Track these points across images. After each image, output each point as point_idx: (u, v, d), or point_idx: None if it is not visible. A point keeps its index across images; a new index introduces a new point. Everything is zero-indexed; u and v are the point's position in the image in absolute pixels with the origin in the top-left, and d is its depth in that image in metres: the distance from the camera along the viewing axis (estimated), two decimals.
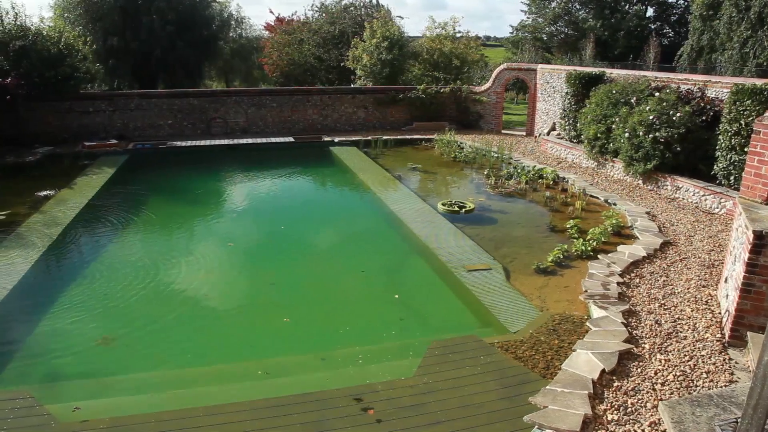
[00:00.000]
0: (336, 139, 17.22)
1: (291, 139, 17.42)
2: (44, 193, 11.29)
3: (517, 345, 5.33)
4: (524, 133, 18.87)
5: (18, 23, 16.14)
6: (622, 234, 8.60)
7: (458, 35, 23.62)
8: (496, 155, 14.53)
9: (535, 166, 12.90)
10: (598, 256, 7.58)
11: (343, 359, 5.42)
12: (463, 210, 9.99)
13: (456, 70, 22.33)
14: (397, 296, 7.07)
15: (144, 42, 24.07)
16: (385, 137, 17.02)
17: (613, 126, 12.03)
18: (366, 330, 6.34)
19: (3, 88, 14.24)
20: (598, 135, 12.54)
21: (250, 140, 17.14)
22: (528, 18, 43.11)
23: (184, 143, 16.56)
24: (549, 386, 4.57)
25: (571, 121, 14.57)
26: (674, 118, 10.56)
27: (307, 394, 4.66)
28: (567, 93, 14.84)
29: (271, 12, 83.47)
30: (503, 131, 19.41)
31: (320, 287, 7.55)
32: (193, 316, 6.65)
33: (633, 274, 6.99)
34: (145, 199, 11.71)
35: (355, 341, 5.96)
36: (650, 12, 39.95)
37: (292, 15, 31.68)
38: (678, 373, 4.79)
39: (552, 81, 17.00)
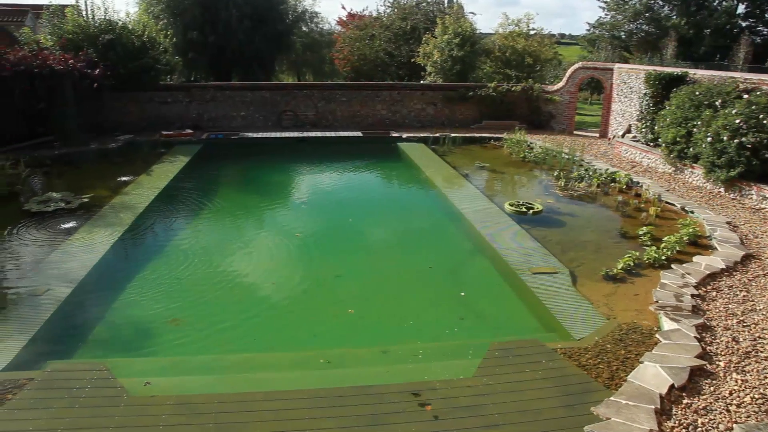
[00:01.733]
0: (404, 135, 17.25)
1: (359, 133, 17.59)
2: (124, 178, 11.92)
3: (580, 352, 5.18)
4: (597, 135, 18.28)
5: (107, 18, 17.10)
6: (699, 244, 8.19)
7: (532, 32, 23.16)
8: (567, 157, 14.14)
9: (607, 169, 12.47)
10: (672, 265, 7.25)
11: (404, 354, 5.43)
12: (531, 211, 9.79)
13: (528, 69, 21.91)
14: (463, 293, 7.04)
15: (221, 36, 24.92)
16: (453, 135, 16.90)
17: (695, 130, 11.46)
18: (427, 326, 6.34)
19: (91, 79, 15.10)
20: (678, 139, 11.97)
21: (319, 134, 17.43)
22: (606, 15, 41.59)
23: (255, 134, 17.03)
24: (613, 397, 4.42)
25: (648, 124, 14.00)
26: (764, 122, 9.94)
27: (365, 386, 4.70)
28: (645, 94, 14.26)
29: (344, 7, 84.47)
30: (575, 132, 18.88)
31: (384, 281, 7.63)
32: (258, 303, 6.85)
33: (709, 287, 6.65)
34: (216, 188, 12.14)
35: (416, 337, 5.98)
36: (741, 8, 37.62)
37: (364, 10, 31.96)
38: (756, 396, 4.52)
39: (629, 81, 16.36)
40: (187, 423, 4.15)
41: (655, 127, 13.38)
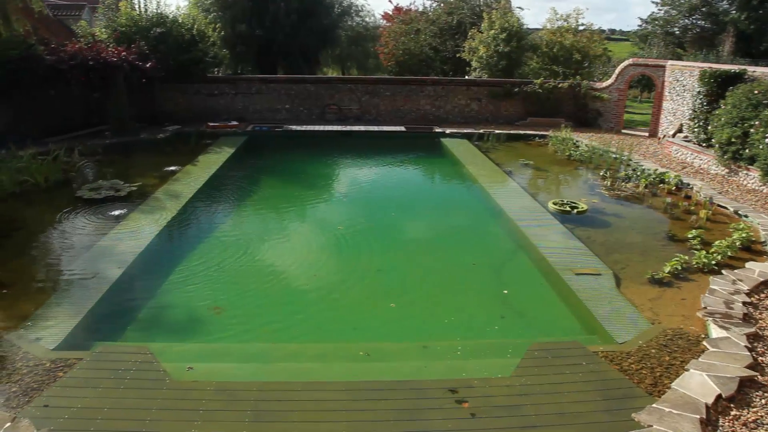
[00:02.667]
0: (447, 131, 17.14)
1: (402, 128, 17.57)
2: (171, 168, 12.23)
3: (623, 357, 5.05)
4: (647, 134, 17.76)
5: (158, 11, 17.56)
6: (753, 250, 7.87)
7: (581, 28, 22.63)
8: (614, 156, 13.79)
9: (656, 170, 12.11)
10: (723, 271, 6.99)
11: (443, 350, 5.42)
12: (575, 211, 9.60)
13: (576, 65, 21.42)
14: (506, 291, 6.99)
15: (268, 29, 25.25)
16: (497, 131, 16.71)
17: (752, 130, 10.99)
18: (467, 323, 6.30)
19: (143, 71, 15.53)
20: (733, 139, 11.52)
21: (362, 127, 17.49)
22: (660, 10, 40.24)
23: (299, 127, 17.21)
24: (656, 404, 4.30)
25: (701, 123, 13.51)
26: None
27: (404, 381, 4.71)
28: (699, 92, 13.77)
29: (390, 1, 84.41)
30: (624, 131, 18.38)
31: (425, 276, 7.62)
32: (299, 295, 6.93)
33: (762, 295, 6.38)
34: (260, 179, 12.33)
35: (456, 334, 5.96)
36: None
37: (410, 4, 31.89)
38: None
39: (682, 79, 15.83)
40: (226, 409, 4.23)
41: (709, 127, 12.91)
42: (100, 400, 4.29)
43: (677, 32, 38.93)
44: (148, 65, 15.61)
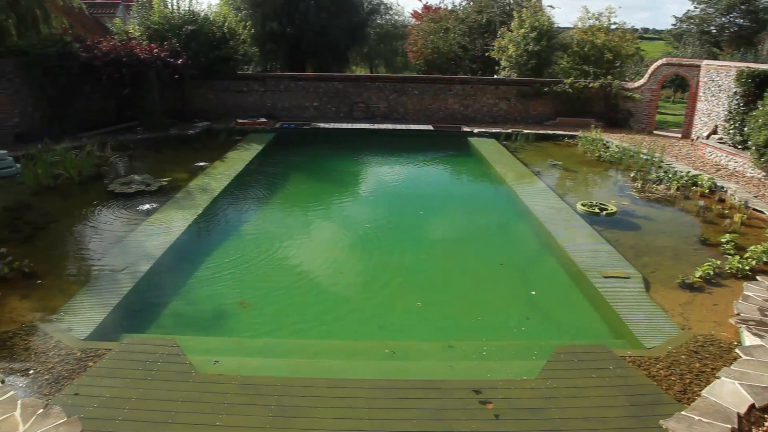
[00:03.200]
0: (475, 130, 17.03)
1: (430, 127, 17.51)
2: (200, 163, 12.39)
3: (651, 362, 4.96)
4: (679, 136, 17.38)
5: (190, 9, 17.81)
6: None
7: (613, 26, 22.24)
8: (645, 157, 13.53)
9: (689, 172, 11.84)
10: (757, 277, 6.81)
11: (468, 350, 5.38)
12: (604, 212, 9.46)
13: (607, 64, 21.05)
14: (534, 292, 6.93)
15: (298, 27, 25.40)
16: (526, 131, 16.55)
17: None
18: (493, 324, 6.26)
19: (174, 68, 15.76)
20: None
21: (389, 126, 17.49)
22: (696, 8, 39.37)
23: (326, 125, 17.29)
24: (685, 412, 4.20)
25: (737, 125, 13.18)
26: None
27: (428, 380, 4.69)
28: (735, 93, 13.43)
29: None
30: (655, 132, 18.03)
31: (451, 275, 7.60)
32: (325, 292, 6.96)
33: None
34: (287, 176, 12.41)
35: (481, 334, 5.93)
36: None
37: (440, 3, 31.74)
38: None
39: (718, 79, 15.45)
40: (251, 403, 4.27)
41: (745, 129, 12.57)
42: (127, 390, 4.37)
43: (713, 31, 38.04)
44: (179, 62, 15.84)
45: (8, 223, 8.31)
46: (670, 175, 11.68)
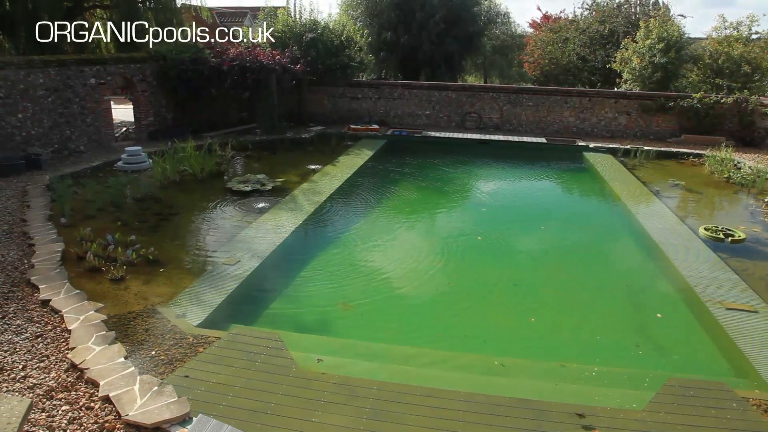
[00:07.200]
0: (591, 145, 16.34)
1: (543, 140, 17.02)
2: (313, 166, 12.86)
3: None
4: None
5: (312, 18, 18.63)
6: None
7: (753, 36, 20.46)
8: None
9: None
10: None
11: (572, 373, 5.14)
12: (730, 239, 8.70)
13: (744, 78, 19.41)
14: (659, 315, 6.56)
15: (414, 36, 25.73)
16: (646, 147, 15.62)
17: None
18: (602, 347, 5.97)
19: (292, 73, 16.51)
20: None
21: (501, 137, 17.19)
22: None
23: (438, 134, 17.31)
24: None
25: None
26: None
27: (527, 400, 4.52)
28: None
29: (539, 8, 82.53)
30: None
31: (561, 294, 7.33)
32: (429, 301, 6.95)
33: None
34: (397, 183, 12.54)
35: (588, 357, 5.67)
36: None
37: (560, 12, 30.81)
38: None
39: None
40: (346, 403, 4.34)
41: None
42: (232, 378, 4.60)
43: None
44: (297, 67, 16.56)
45: (138, 213, 9.09)
46: None
